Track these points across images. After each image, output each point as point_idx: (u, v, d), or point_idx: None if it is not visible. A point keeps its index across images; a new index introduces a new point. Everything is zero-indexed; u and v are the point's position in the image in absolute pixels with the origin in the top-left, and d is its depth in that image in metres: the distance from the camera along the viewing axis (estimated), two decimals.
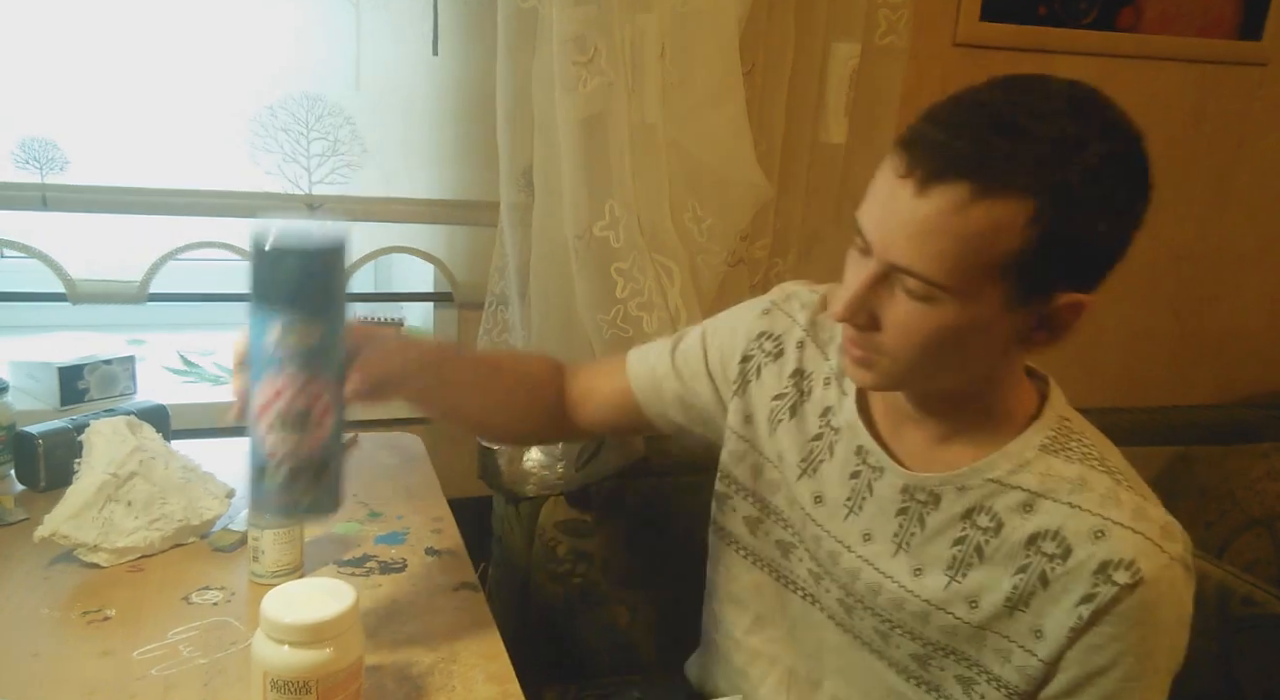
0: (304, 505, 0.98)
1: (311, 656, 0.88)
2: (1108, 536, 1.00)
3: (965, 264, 0.91)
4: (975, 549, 1.07)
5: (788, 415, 1.23)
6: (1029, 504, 1.05)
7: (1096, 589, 0.99)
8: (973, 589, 1.07)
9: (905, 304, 0.96)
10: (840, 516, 1.16)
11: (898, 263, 0.94)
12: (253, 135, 1.67)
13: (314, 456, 0.96)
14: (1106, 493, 1.03)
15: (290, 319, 0.93)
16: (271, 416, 0.95)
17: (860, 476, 1.15)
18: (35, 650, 1.05)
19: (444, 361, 1.22)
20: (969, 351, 1.00)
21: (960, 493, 1.08)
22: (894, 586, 1.12)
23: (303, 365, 0.94)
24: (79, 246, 1.66)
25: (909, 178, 0.91)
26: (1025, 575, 1.04)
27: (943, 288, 0.93)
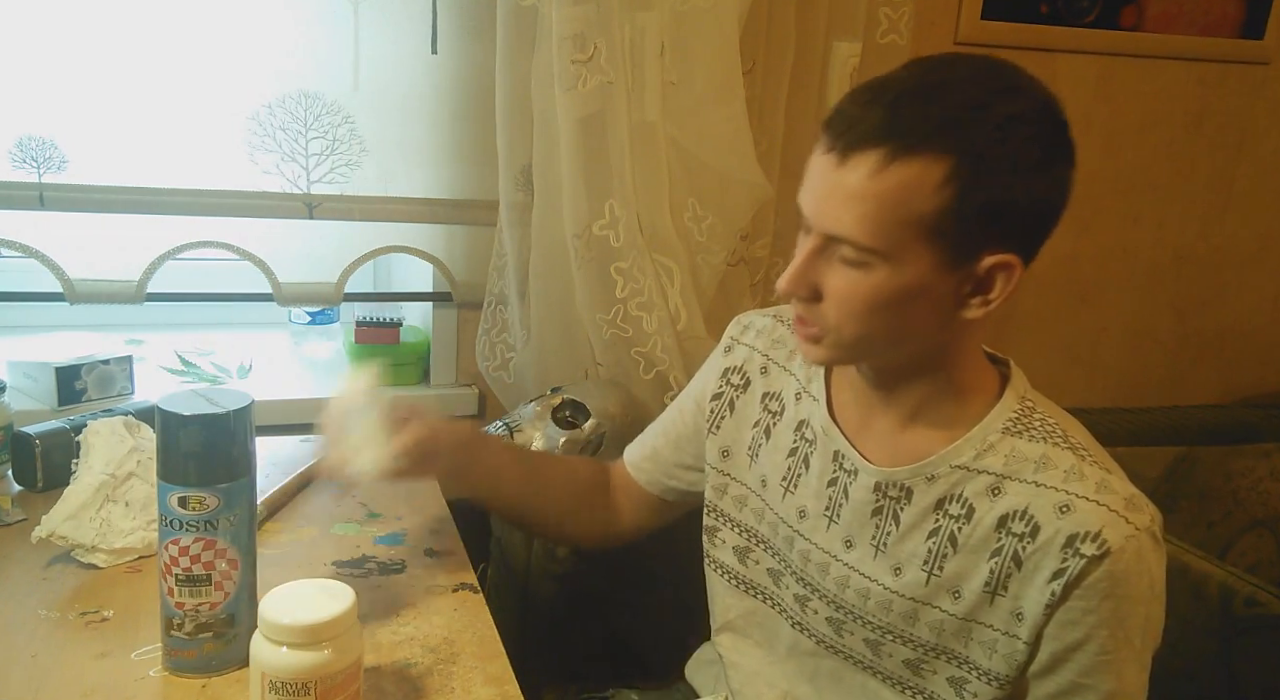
0: (212, 659, 1.03)
1: (310, 658, 0.87)
2: (1073, 510, 1.02)
3: (888, 225, 0.97)
4: (949, 539, 1.09)
5: (764, 438, 1.26)
6: (996, 487, 1.07)
7: (1065, 563, 1.01)
8: (952, 579, 1.09)
9: (842, 272, 1.01)
10: (823, 527, 1.18)
11: (831, 231, 0.99)
12: (251, 134, 1.67)
13: (216, 615, 1.01)
14: (1070, 468, 1.05)
15: (185, 488, 0.97)
16: (173, 578, 0.99)
17: (836, 483, 1.17)
18: (33, 651, 1.04)
19: (480, 443, 1.36)
20: (908, 318, 1.03)
21: (930, 483, 1.10)
22: (879, 589, 1.13)
23: (203, 531, 0.98)
24: (77, 246, 1.66)
25: (831, 151, 0.98)
26: (1000, 558, 1.06)
27: (872, 251, 0.98)
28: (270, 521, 1.37)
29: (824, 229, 1.00)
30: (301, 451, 1.58)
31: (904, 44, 1.90)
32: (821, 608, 1.19)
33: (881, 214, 0.96)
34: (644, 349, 1.79)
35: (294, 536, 1.34)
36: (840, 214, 0.98)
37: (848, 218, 0.98)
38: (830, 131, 0.99)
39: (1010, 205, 0.97)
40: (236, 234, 1.71)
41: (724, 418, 1.30)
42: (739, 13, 1.70)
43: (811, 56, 1.85)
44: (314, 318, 2.08)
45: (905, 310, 1.02)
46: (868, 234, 0.97)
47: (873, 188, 0.96)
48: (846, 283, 1.01)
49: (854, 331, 1.04)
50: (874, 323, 1.03)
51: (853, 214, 0.97)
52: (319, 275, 1.80)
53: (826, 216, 0.99)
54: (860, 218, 0.97)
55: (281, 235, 1.75)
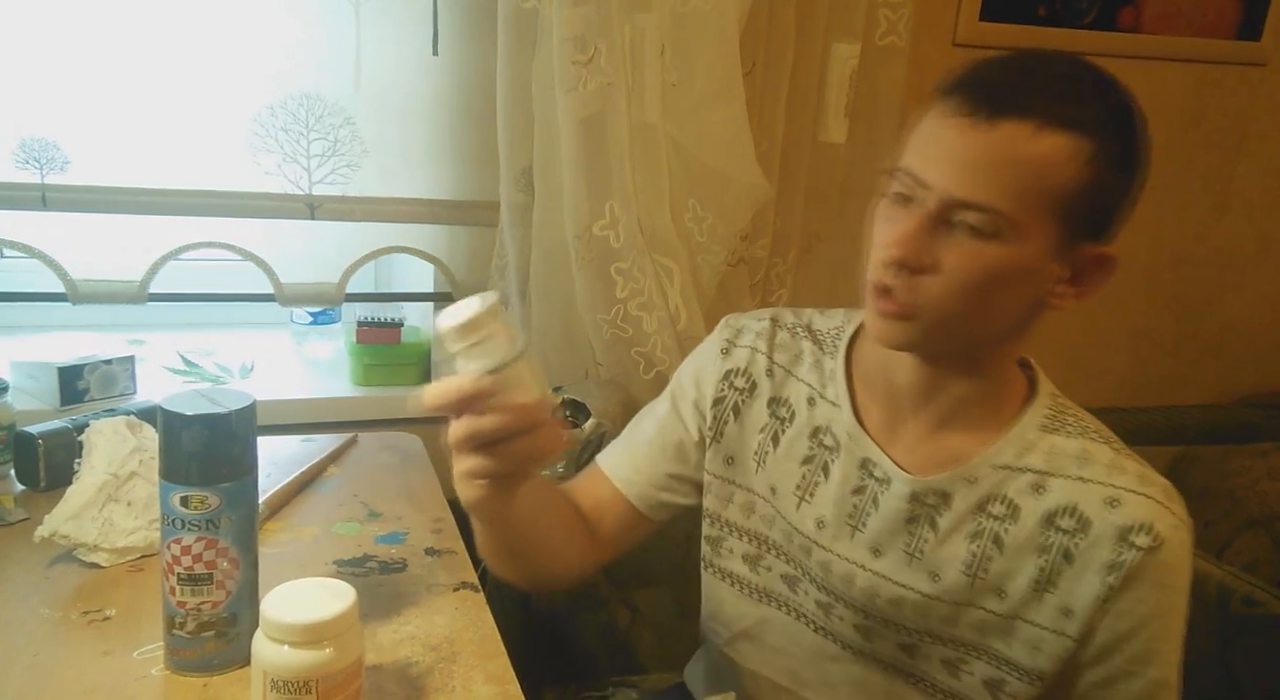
0: (213, 658, 1.03)
1: (311, 656, 0.88)
2: (1121, 504, 1.03)
3: (1029, 194, 0.95)
4: (993, 540, 1.08)
5: (771, 445, 1.22)
6: (1039, 484, 1.06)
7: (1121, 555, 1.01)
8: (997, 579, 1.08)
9: (964, 242, 0.97)
10: (846, 536, 1.15)
11: (960, 196, 0.96)
12: (253, 135, 1.67)
13: (218, 614, 1.01)
14: (1110, 462, 1.06)
15: (187, 487, 0.97)
16: (175, 577, 1.00)
17: (864, 491, 1.14)
18: (35, 650, 1.04)
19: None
20: (1007, 300, 1.02)
21: (971, 486, 1.08)
22: (915, 596, 1.11)
23: (205, 530, 0.99)
24: (79, 246, 1.66)
25: (974, 115, 0.95)
26: (1049, 555, 1.05)
27: (1005, 217, 0.95)
28: (272, 521, 1.37)
29: (955, 194, 0.96)
30: (303, 451, 1.58)
31: (903, 45, 1.90)
32: (848, 615, 1.17)
33: (1025, 181, 0.95)
34: (644, 349, 1.79)
35: (295, 536, 1.34)
36: (981, 178, 0.95)
37: (995, 183, 0.95)
38: (969, 94, 0.96)
39: (1123, 198, 0.99)
40: (238, 234, 1.71)
41: (727, 424, 1.25)
42: (739, 14, 1.70)
43: (811, 57, 1.85)
44: (315, 318, 2.08)
45: (1011, 291, 1.01)
46: (1008, 201, 0.95)
47: (1021, 154, 0.94)
48: (966, 254, 0.97)
49: (954, 309, 1.00)
50: (978, 301, 1.00)
51: (997, 178, 0.95)
52: (320, 276, 1.80)
53: (962, 180, 0.96)
54: (1000, 183, 0.95)
55: (283, 236, 1.75)
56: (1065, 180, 0.95)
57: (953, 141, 0.96)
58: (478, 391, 0.87)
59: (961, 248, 0.97)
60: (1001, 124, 0.94)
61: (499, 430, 0.88)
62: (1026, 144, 0.94)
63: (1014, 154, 0.94)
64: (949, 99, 0.98)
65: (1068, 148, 0.95)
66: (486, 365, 0.88)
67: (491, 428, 0.88)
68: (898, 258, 0.99)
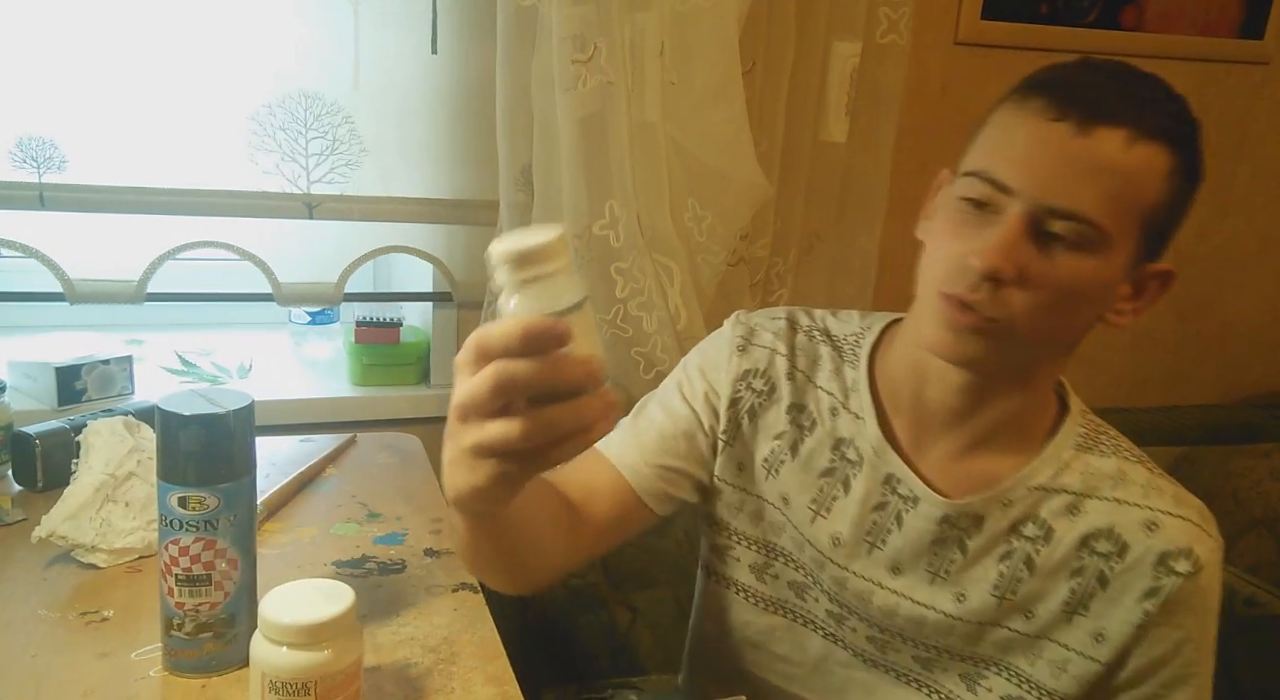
0: (212, 659, 1.02)
1: (310, 658, 0.87)
2: (1160, 527, 1.01)
3: (1126, 206, 0.92)
4: (1024, 562, 1.05)
5: (789, 455, 1.17)
6: (1075, 505, 1.04)
7: (1160, 581, 1.00)
8: (1026, 601, 1.06)
9: (1057, 254, 0.93)
10: (863, 553, 1.12)
11: (1059, 205, 0.92)
12: (251, 134, 1.66)
13: (216, 615, 1.01)
14: (1146, 483, 1.04)
15: (185, 488, 0.97)
16: (173, 578, 0.99)
17: (886, 509, 1.11)
18: (33, 651, 1.04)
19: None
20: (1082, 316, 0.98)
21: (1005, 508, 1.06)
22: (938, 616, 1.09)
23: (203, 531, 0.98)
24: (77, 246, 1.66)
25: (1064, 120, 0.91)
26: (1082, 578, 1.03)
27: (1099, 229, 0.92)
28: (270, 521, 1.37)
29: (1051, 203, 0.92)
30: (301, 452, 1.58)
31: (904, 44, 1.89)
32: (861, 627, 1.15)
33: (1124, 193, 0.92)
34: (644, 349, 1.79)
35: (294, 537, 1.34)
36: (1080, 188, 0.91)
37: (1090, 192, 0.91)
38: (1055, 98, 0.93)
39: (1186, 213, 0.97)
40: (236, 234, 1.71)
41: (741, 427, 1.18)
42: (739, 13, 1.70)
43: (811, 56, 1.84)
44: (314, 318, 2.08)
45: (1089, 307, 0.98)
46: (1108, 213, 0.91)
47: (1120, 164, 0.91)
48: (1057, 266, 0.93)
49: (1040, 325, 0.95)
50: (1059, 317, 0.96)
51: (1098, 188, 0.91)
52: (319, 275, 1.79)
53: (1055, 187, 0.91)
54: (1104, 194, 0.91)
55: (281, 235, 1.74)
56: (1152, 193, 0.93)
57: (1043, 146, 0.92)
58: (546, 332, 0.67)
59: (1053, 260, 0.93)
60: (1096, 131, 0.91)
61: (541, 382, 0.67)
62: (1121, 154, 0.91)
63: (1109, 163, 0.91)
64: (1029, 101, 0.94)
65: (1157, 160, 0.92)
66: (545, 306, 0.69)
67: (529, 376, 0.67)
68: (991, 269, 0.93)
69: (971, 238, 0.95)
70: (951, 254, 0.97)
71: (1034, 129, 0.93)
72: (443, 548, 1.34)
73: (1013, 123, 0.95)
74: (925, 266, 1.02)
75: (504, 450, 0.69)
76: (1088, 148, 0.91)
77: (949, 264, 0.97)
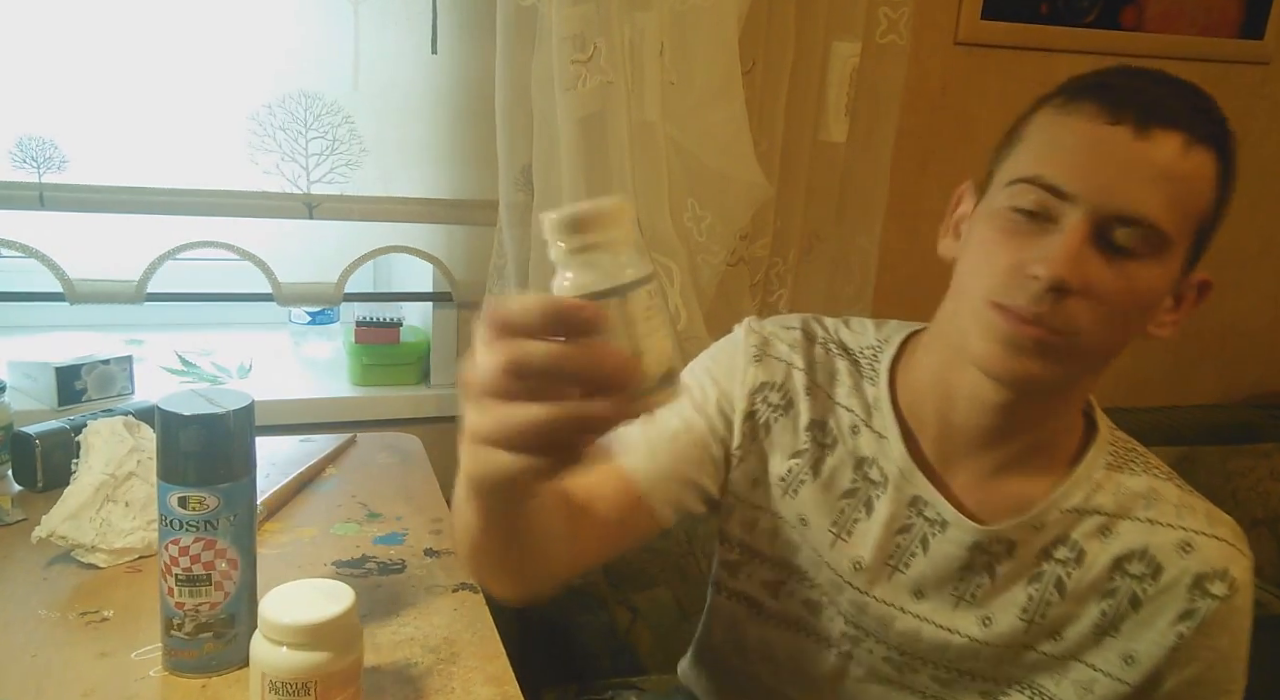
0: (212, 659, 1.02)
1: (310, 658, 0.87)
2: (1195, 548, 0.98)
3: (1183, 213, 0.90)
4: (1055, 585, 1.03)
5: (810, 475, 1.11)
6: (1107, 527, 1.02)
7: (1195, 604, 0.98)
8: (1056, 623, 1.03)
9: (1123, 263, 0.90)
10: (884, 577, 1.08)
11: (1126, 211, 0.89)
12: (251, 134, 1.66)
13: (217, 615, 1.01)
14: (1179, 502, 1.01)
15: (185, 488, 0.97)
16: (173, 578, 0.99)
17: (910, 531, 1.07)
18: (33, 651, 1.04)
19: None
20: (1135, 326, 0.95)
21: (1037, 532, 1.03)
22: (962, 640, 1.06)
23: (203, 531, 0.98)
24: (77, 246, 1.65)
25: (1121, 123, 0.89)
26: (1114, 600, 1.01)
27: (1164, 235, 0.89)
28: (270, 521, 1.36)
29: (1116, 208, 0.89)
30: (301, 452, 1.57)
31: (903, 44, 1.89)
32: (879, 648, 1.11)
33: (1185, 198, 0.90)
34: None
35: (294, 537, 1.34)
36: (1144, 193, 0.88)
37: (1155, 197, 0.88)
38: (1108, 101, 0.90)
39: (1222, 223, 0.95)
40: (236, 234, 1.71)
41: (756, 442, 1.12)
42: (739, 13, 1.70)
43: (811, 56, 1.84)
44: (314, 318, 2.07)
45: (1144, 317, 0.95)
46: (1172, 218, 0.89)
47: (1178, 168, 0.89)
48: (1120, 277, 0.90)
49: (1101, 337, 0.92)
50: (1120, 328, 0.93)
51: (1162, 194, 0.88)
52: (319, 275, 1.79)
53: (1122, 194, 0.88)
54: (1169, 199, 0.88)
55: (281, 235, 1.74)
56: (1205, 200, 0.91)
57: (1101, 150, 0.90)
58: (569, 314, 0.60)
59: (1116, 269, 0.90)
60: (1154, 135, 0.88)
61: (561, 370, 0.59)
62: (1180, 158, 0.89)
63: (1168, 167, 0.89)
64: (1078, 105, 0.92)
65: (1208, 166, 0.91)
66: (591, 283, 0.62)
67: (545, 362, 0.59)
68: (1057, 279, 0.88)
69: (1026, 247, 0.92)
70: (1006, 265, 0.93)
71: (1089, 132, 0.90)
72: (443, 548, 1.33)
73: (1062, 127, 0.93)
74: (968, 278, 0.98)
75: (508, 440, 0.61)
76: (1147, 151, 0.88)
77: (1004, 275, 0.93)
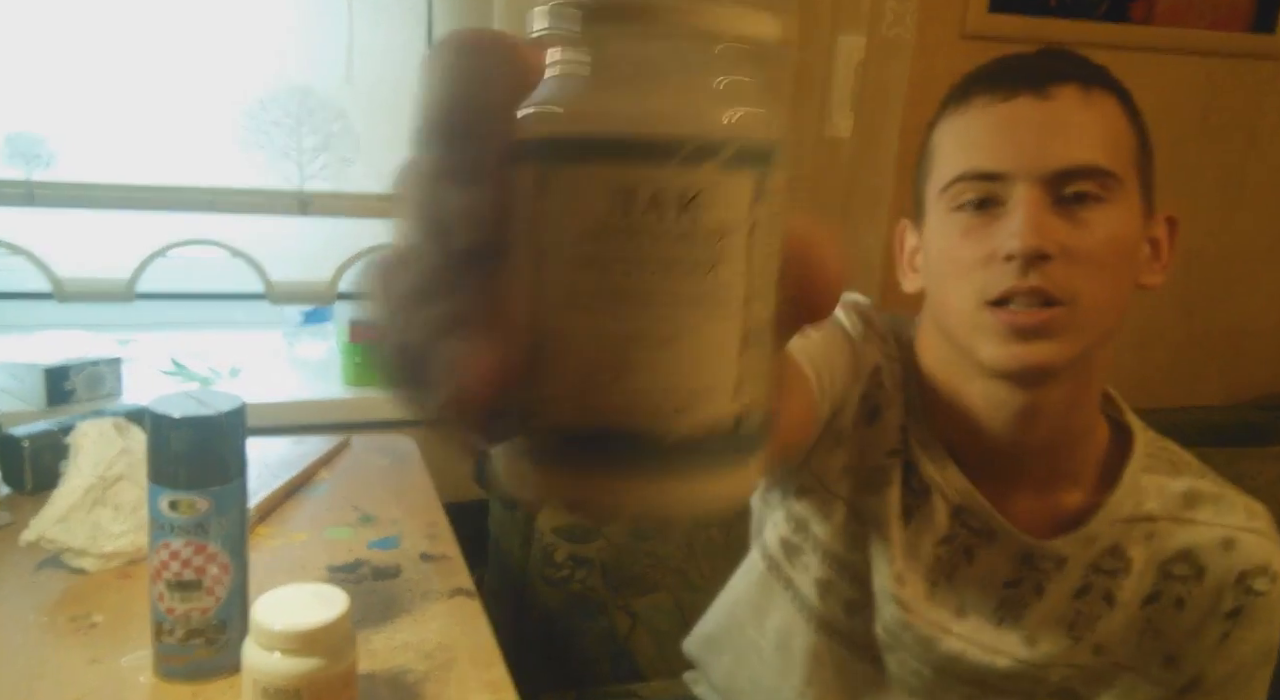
0: (203, 665, 1.01)
1: (302, 664, 0.86)
2: (1237, 545, 0.98)
3: (1115, 150, 0.91)
4: (1104, 597, 1.00)
5: (899, 477, 1.04)
6: (1151, 532, 1.00)
7: (1240, 601, 0.97)
8: (1102, 635, 1.01)
9: (1084, 214, 0.90)
10: (923, 592, 1.04)
11: (1062, 164, 0.89)
12: (243, 130, 1.65)
13: (208, 621, 1.00)
14: (1218, 497, 1.01)
15: (176, 491, 0.96)
16: (163, 583, 0.98)
17: (953, 542, 1.03)
18: (22, 656, 1.03)
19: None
20: (1125, 277, 0.94)
21: (1088, 545, 1.00)
22: (1007, 661, 1.02)
23: (194, 534, 0.97)
24: (66, 244, 1.65)
25: (1017, 96, 0.91)
26: (1158, 604, 1.00)
27: (1112, 174, 0.90)
28: (262, 525, 1.35)
29: (1054, 167, 0.89)
30: (294, 454, 1.56)
31: (909, 37, 1.89)
32: (910, 661, 1.06)
33: (1108, 136, 0.91)
34: None
35: (286, 541, 1.33)
36: (1071, 143, 0.89)
37: (1082, 142, 0.89)
38: (997, 82, 0.92)
39: (1152, 161, 0.96)
40: (228, 231, 1.70)
41: (862, 429, 1.05)
42: None
43: (816, 50, 1.83)
44: (307, 317, 2.06)
45: (1129, 265, 0.94)
46: (1107, 155, 0.90)
47: (1090, 113, 0.90)
48: (1090, 228, 0.89)
49: (1101, 297, 0.90)
50: (1113, 281, 0.91)
51: (1086, 137, 0.89)
52: (312, 273, 1.78)
53: (1054, 152, 0.89)
54: (1095, 140, 0.90)
55: (274, 232, 1.74)
56: (1128, 135, 0.93)
57: (1014, 123, 0.91)
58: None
59: (1083, 223, 0.90)
60: (1052, 92, 0.90)
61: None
62: (1085, 104, 0.90)
63: (1080, 114, 0.90)
64: (970, 100, 0.94)
65: (1114, 104, 0.92)
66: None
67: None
68: (1029, 248, 0.87)
69: (989, 237, 0.91)
70: (977, 259, 0.92)
71: (994, 114, 0.92)
72: (438, 552, 1.32)
73: (967, 122, 0.94)
74: (949, 293, 0.96)
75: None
76: (1053, 108, 0.90)
77: (981, 269, 0.92)
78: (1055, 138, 0.89)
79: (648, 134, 0.31)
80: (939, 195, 0.96)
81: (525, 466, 0.35)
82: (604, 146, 0.31)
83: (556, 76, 0.33)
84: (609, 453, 0.33)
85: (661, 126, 0.31)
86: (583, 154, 0.32)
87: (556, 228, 0.32)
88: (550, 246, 0.33)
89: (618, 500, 0.34)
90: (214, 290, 1.88)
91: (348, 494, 1.48)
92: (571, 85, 0.33)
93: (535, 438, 0.34)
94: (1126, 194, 0.91)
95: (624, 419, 0.33)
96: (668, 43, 0.32)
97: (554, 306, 0.33)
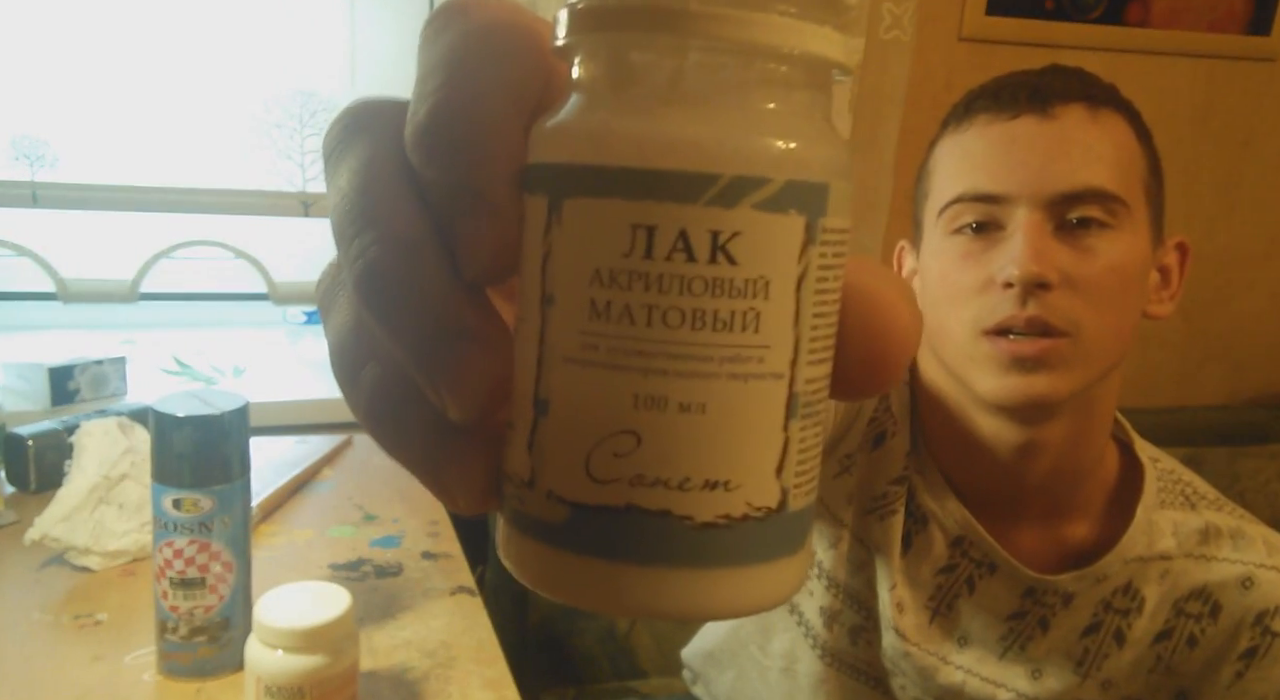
0: (206, 663, 1.01)
1: (305, 662, 0.86)
2: (1256, 583, 0.94)
3: (1123, 171, 0.87)
4: (1114, 635, 0.97)
5: (903, 505, 1.01)
6: (1166, 570, 0.96)
7: (1255, 642, 0.94)
8: (1110, 673, 0.97)
9: (1088, 241, 0.85)
10: (924, 621, 1.01)
11: (1065, 188, 0.84)
12: (246, 132, 1.65)
13: (211, 619, 1.00)
14: (1235, 532, 0.96)
15: (179, 490, 0.96)
16: (167, 581, 0.98)
17: (955, 572, 1.00)
18: (26, 654, 1.03)
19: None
20: (1131, 307, 0.89)
21: (1098, 583, 0.96)
22: (1009, 695, 0.98)
23: (197, 533, 0.97)
24: (70, 245, 1.65)
25: (1021, 115, 0.87)
26: (1170, 641, 0.96)
27: (1118, 199, 0.85)
28: (265, 524, 1.35)
29: (1056, 190, 0.84)
30: (297, 453, 1.56)
31: (908, 40, 1.88)
32: (911, 688, 1.04)
33: (1114, 157, 0.86)
34: None
35: (289, 539, 1.33)
36: (1075, 165, 0.84)
37: (1087, 165, 0.84)
38: (1001, 101, 0.88)
39: (1162, 183, 0.92)
40: (231, 232, 1.70)
41: (866, 453, 1.03)
42: None
43: None
44: (310, 317, 2.06)
45: (1136, 295, 0.89)
46: (1113, 178, 0.85)
47: (1096, 132, 0.86)
48: (1092, 255, 0.85)
49: (1104, 328, 0.85)
50: (1116, 310, 0.86)
51: (1091, 159, 0.84)
52: (315, 274, 1.75)
53: (1057, 174, 0.84)
54: (1100, 163, 0.84)
55: (277, 234, 1.74)
56: (1138, 157, 0.89)
57: (1016, 143, 0.86)
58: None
59: (1087, 249, 0.85)
60: (1057, 112, 0.86)
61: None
62: (1091, 124, 0.86)
63: (1085, 135, 0.85)
64: (972, 118, 0.90)
65: (1122, 124, 0.88)
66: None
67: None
68: (1029, 275, 0.83)
69: (987, 262, 0.87)
70: (974, 285, 0.88)
71: (996, 133, 0.88)
72: (440, 550, 1.32)
73: (968, 141, 0.90)
74: (946, 320, 0.91)
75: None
76: (1058, 128, 0.86)
77: (978, 296, 0.88)
78: (1059, 159, 0.85)
79: (674, 162, 0.27)
80: (937, 217, 0.92)
81: (526, 545, 0.31)
82: (622, 176, 0.27)
83: (575, 91, 0.30)
84: (622, 535, 0.29)
85: (690, 155, 0.27)
86: (598, 184, 0.28)
87: (567, 268, 0.28)
88: (560, 290, 0.28)
89: (629, 591, 0.29)
90: (217, 291, 1.87)
91: (350, 492, 1.48)
92: (591, 103, 0.29)
93: (536, 510, 0.30)
94: (1134, 220, 0.87)
95: (640, 495, 0.28)
96: (706, 57, 0.28)
97: (563, 359, 0.29)
